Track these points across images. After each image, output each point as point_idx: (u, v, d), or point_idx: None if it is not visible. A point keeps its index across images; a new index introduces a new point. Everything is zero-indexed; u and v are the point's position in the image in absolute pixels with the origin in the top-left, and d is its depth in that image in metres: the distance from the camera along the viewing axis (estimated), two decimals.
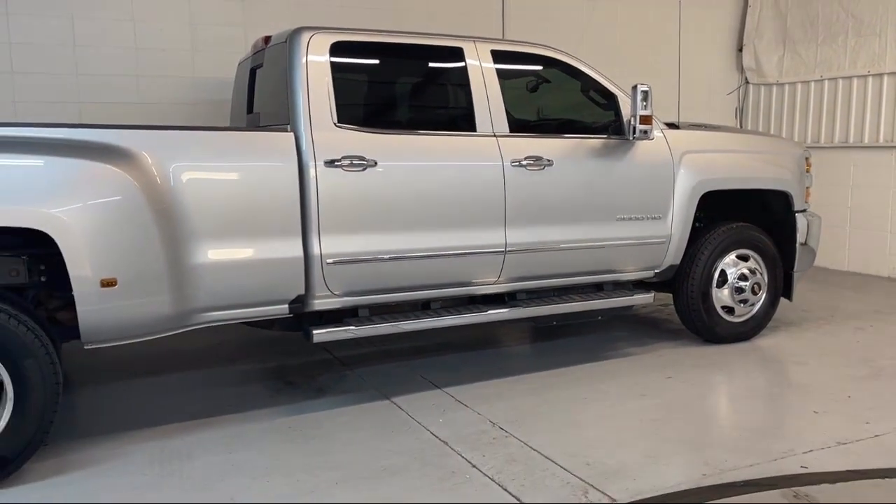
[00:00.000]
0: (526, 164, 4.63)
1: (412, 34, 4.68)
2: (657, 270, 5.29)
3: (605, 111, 5.11)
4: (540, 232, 4.73)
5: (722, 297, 5.46)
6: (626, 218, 5.02)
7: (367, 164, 4.18)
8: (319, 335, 4.21)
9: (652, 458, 3.64)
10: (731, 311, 5.51)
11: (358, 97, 4.75)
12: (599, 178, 4.93)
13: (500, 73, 4.70)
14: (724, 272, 5.45)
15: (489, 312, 4.74)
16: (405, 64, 4.91)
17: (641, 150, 5.04)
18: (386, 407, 4.39)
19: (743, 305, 5.51)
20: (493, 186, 4.55)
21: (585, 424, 4.09)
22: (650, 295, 5.28)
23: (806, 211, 5.83)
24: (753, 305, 5.57)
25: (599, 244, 4.96)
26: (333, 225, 4.12)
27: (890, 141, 7.98)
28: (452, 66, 4.68)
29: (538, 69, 5.19)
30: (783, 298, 5.78)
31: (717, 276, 5.42)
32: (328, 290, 4.18)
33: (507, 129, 4.65)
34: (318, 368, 5.13)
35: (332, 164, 4.10)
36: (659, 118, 5.12)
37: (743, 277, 5.47)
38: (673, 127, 5.39)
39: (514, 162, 4.60)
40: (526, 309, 4.84)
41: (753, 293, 5.50)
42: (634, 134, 4.83)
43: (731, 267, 5.46)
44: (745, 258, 5.51)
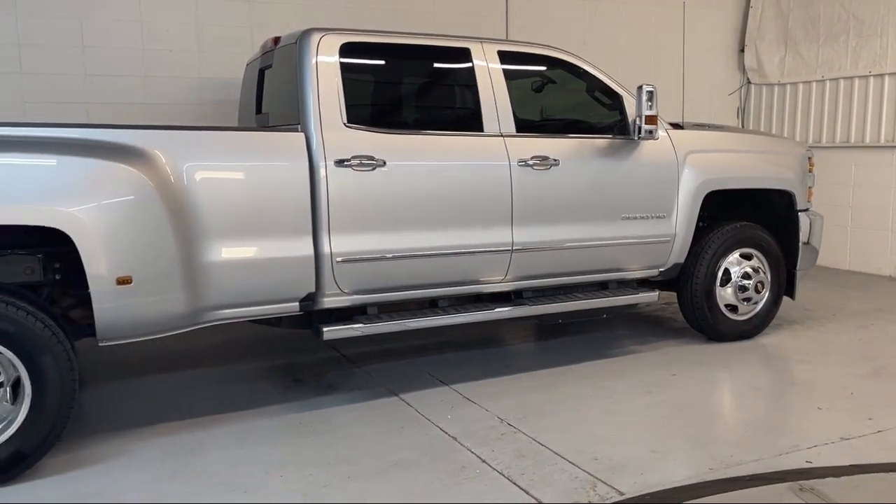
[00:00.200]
0: (532, 163, 4.68)
1: (420, 35, 4.73)
2: (661, 269, 5.35)
3: (609, 111, 5.16)
4: (546, 231, 4.79)
5: (725, 295, 5.51)
6: (631, 217, 5.07)
7: (376, 163, 4.23)
8: (329, 332, 4.26)
9: (659, 453, 3.70)
10: (734, 309, 5.56)
11: (367, 97, 4.81)
12: (605, 177, 4.99)
13: (506, 73, 4.75)
14: (727, 271, 5.50)
15: (496, 310, 4.79)
16: (413, 65, 4.96)
17: (646, 149, 5.09)
18: (394, 403, 4.44)
19: (746, 304, 5.56)
20: (500, 186, 4.60)
21: (592, 421, 4.14)
22: (655, 293, 5.33)
23: (808, 210, 5.88)
24: (757, 304, 5.62)
25: (605, 243, 5.01)
26: (343, 224, 4.17)
27: (891, 141, 8.03)
28: (460, 66, 4.73)
29: (544, 69, 5.24)
30: (786, 297, 5.83)
31: (720, 274, 5.47)
32: (338, 288, 4.23)
33: (513, 129, 4.70)
34: (325, 366, 5.18)
35: (341, 163, 4.15)
36: (663, 118, 5.17)
37: (746, 276, 5.52)
38: (677, 127, 5.44)
39: (520, 162, 4.65)
40: (532, 307, 4.89)
41: (757, 291, 5.55)
42: (640, 134, 4.88)
43: (734, 265, 5.52)
44: (748, 257, 5.56)
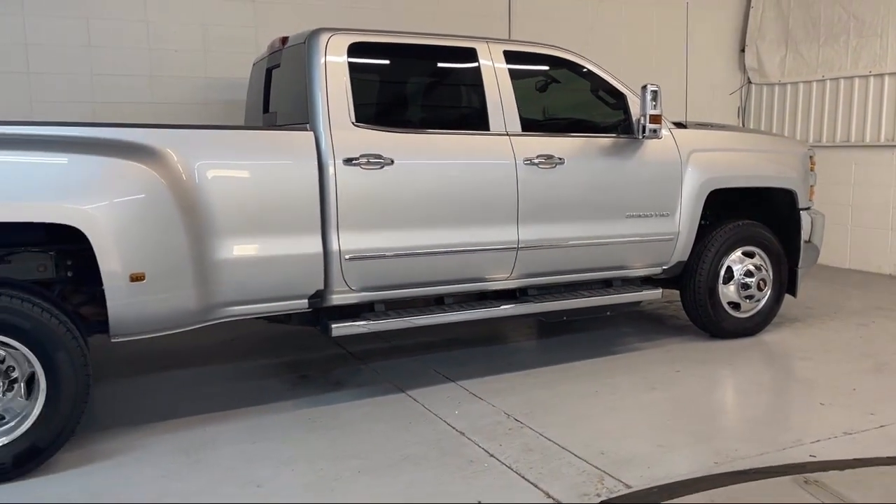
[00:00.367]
0: (538, 162, 4.73)
1: (427, 35, 4.78)
2: (665, 267, 5.40)
3: (613, 111, 5.21)
4: (551, 229, 4.83)
5: (728, 293, 5.56)
6: (635, 215, 5.12)
7: (384, 162, 4.28)
8: (338, 329, 4.31)
9: (664, 447, 3.75)
10: (737, 306, 5.61)
11: (375, 97, 4.85)
12: (609, 176, 5.04)
13: (512, 73, 4.80)
14: (730, 269, 5.55)
15: (501, 307, 4.83)
16: (420, 64, 5.01)
17: (650, 148, 5.14)
18: (402, 399, 4.49)
19: (749, 301, 5.62)
20: (506, 184, 4.65)
21: (598, 416, 4.19)
22: (658, 291, 5.39)
23: (810, 209, 5.94)
24: (759, 301, 5.67)
25: (609, 241, 5.06)
26: (351, 222, 4.22)
27: (891, 140, 8.09)
28: (466, 66, 4.78)
29: (549, 69, 5.28)
30: (788, 294, 5.88)
31: (723, 272, 5.52)
32: (346, 285, 4.28)
33: (519, 128, 4.75)
34: (332, 363, 5.23)
35: (350, 162, 4.19)
36: (666, 117, 5.22)
37: (749, 274, 5.57)
38: (680, 126, 5.49)
39: (526, 160, 4.70)
40: (537, 304, 4.95)
41: (759, 289, 5.61)
42: (644, 133, 4.93)
43: (737, 263, 5.57)
44: (750, 255, 5.62)
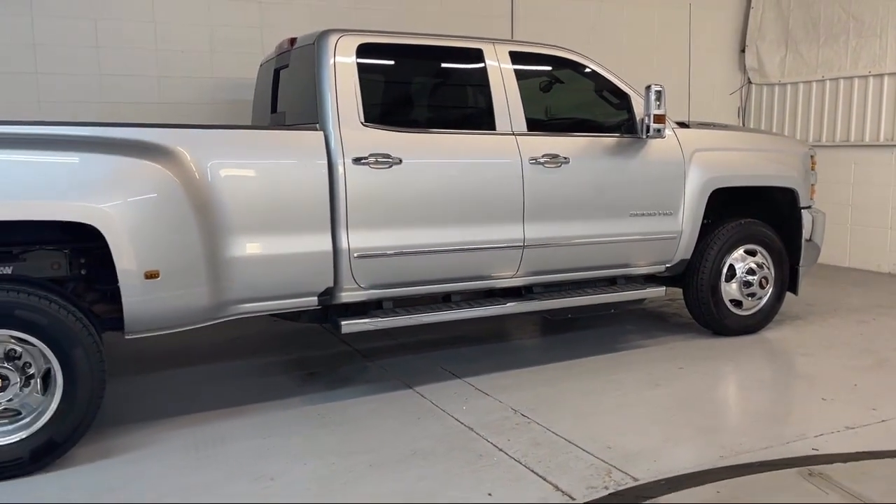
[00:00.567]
0: (543, 161, 4.79)
1: (434, 36, 4.84)
2: (668, 265, 5.46)
3: (618, 110, 5.27)
4: (557, 227, 4.90)
5: (730, 290, 5.63)
6: (638, 214, 5.19)
7: (392, 161, 4.33)
8: (347, 326, 4.37)
9: (670, 441, 3.81)
10: (739, 304, 5.68)
11: (383, 97, 4.91)
12: (613, 175, 5.10)
13: (518, 73, 4.86)
14: (732, 267, 5.62)
15: (507, 305, 4.90)
16: (427, 65, 5.07)
17: (654, 148, 5.20)
18: (409, 395, 4.55)
19: (751, 299, 5.68)
20: (512, 183, 4.71)
21: (603, 412, 4.26)
22: (662, 289, 5.45)
23: (811, 208, 6.00)
24: (761, 299, 5.73)
25: (613, 239, 5.12)
26: (360, 220, 4.28)
27: (890, 140, 8.16)
28: (472, 66, 4.84)
29: (554, 69, 5.34)
30: (789, 292, 5.94)
31: (725, 270, 5.59)
32: (355, 282, 4.33)
33: (525, 128, 4.81)
34: (339, 360, 5.29)
35: (359, 161, 4.25)
36: (669, 117, 5.28)
37: (751, 272, 5.64)
38: (683, 126, 5.55)
39: (532, 160, 4.76)
40: (542, 302, 5.01)
41: (761, 287, 5.67)
42: (648, 132, 4.99)
43: (739, 262, 5.63)
44: (752, 253, 5.68)
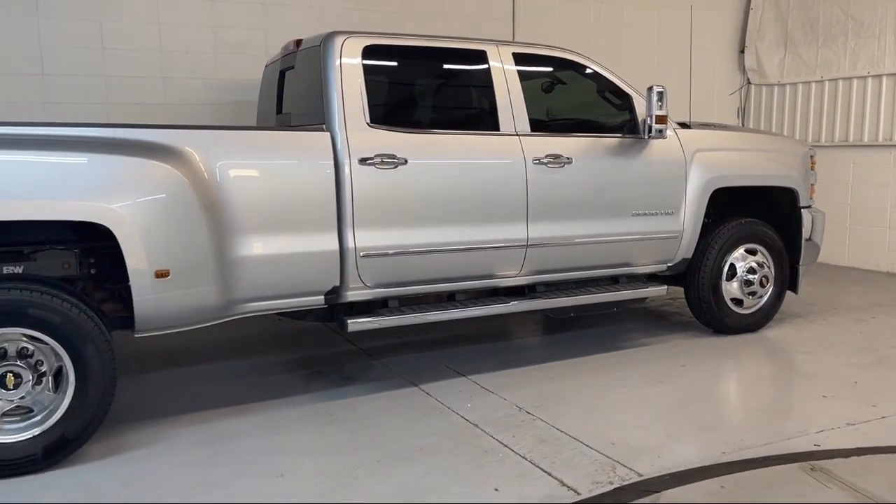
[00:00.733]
0: (547, 161, 4.85)
1: (439, 38, 4.89)
2: (670, 264, 5.51)
3: (620, 111, 5.33)
4: (560, 227, 4.95)
5: (731, 289, 5.68)
6: (641, 213, 5.24)
7: (397, 161, 4.39)
8: (353, 324, 4.42)
9: (673, 437, 3.87)
10: (739, 303, 5.73)
11: (388, 98, 4.95)
12: (616, 175, 5.15)
13: (521, 74, 4.91)
14: (733, 266, 5.67)
15: (511, 304, 4.95)
16: (432, 66, 5.11)
17: (655, 148, 5.26)
18: (415, 393, 4.60)
19: (751, 297, 5.74)
20: (515, 183, 4.76)
21: (607, 409, 4.31)
22: (663, 287, 5.51)
23: (811, 207, 6.06)
24: (761, 298, 5.79)
25: (616, 239, 5.18)
26: (366, 220, 4.33)
27: (889, 140, 8.22)
28: (477, 68, 4.89)
29: (557, 70, 5.39)
30: (789, 291, 5.99)
31: (726, 269, 5.64)
32: (361, 281, 4.38)
33: (528, 128, 4.86)
34: (344, 359, 5.34)
35: (365, 161, 4.30)
36: (671, 118, 5.33)
37: (751, 271, 5.69)
38: (684, 126, 5.61)
39: (535, 160, 4.81)
40: (546, 300, 5.06)
41: (761, 286, 5.72)
42: (650, 133, 5.05)
43: (739, 261, 5.69)
44: (753, 252, 5.73)
